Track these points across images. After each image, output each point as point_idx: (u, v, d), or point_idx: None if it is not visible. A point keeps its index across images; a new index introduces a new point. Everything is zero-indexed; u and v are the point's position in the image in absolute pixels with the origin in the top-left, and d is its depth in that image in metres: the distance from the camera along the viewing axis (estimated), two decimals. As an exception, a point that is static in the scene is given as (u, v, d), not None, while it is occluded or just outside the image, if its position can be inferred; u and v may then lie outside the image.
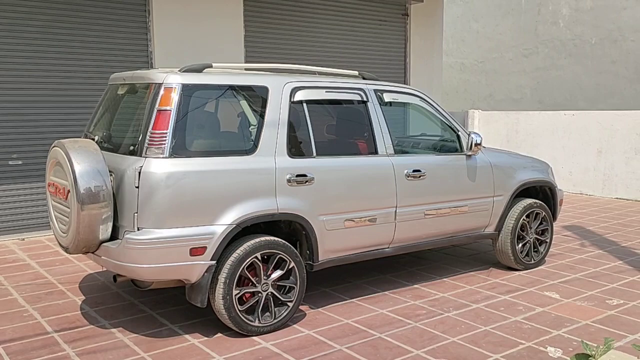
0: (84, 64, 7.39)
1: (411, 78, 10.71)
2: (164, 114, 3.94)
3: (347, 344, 4.07)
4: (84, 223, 3.84)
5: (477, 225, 5.52)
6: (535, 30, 14.69)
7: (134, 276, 4.03)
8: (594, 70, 13.64)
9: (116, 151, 4.20)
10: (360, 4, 10.00)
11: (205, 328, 4.33)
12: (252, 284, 4.18)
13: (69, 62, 7.30)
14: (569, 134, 10.73)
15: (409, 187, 4.94)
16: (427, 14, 10.82)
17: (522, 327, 4.36)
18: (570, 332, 4.27)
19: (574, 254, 6.41)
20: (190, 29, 8.02)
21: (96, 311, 4.68)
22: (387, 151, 4.88)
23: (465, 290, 5.21)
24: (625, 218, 8.41)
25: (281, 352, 3.93)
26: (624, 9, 12.97)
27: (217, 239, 3.98)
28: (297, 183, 4.33)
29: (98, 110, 4.79)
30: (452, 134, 5.42)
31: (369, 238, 4.80)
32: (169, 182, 3.85)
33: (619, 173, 10.05)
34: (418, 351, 3.96)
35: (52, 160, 4.24)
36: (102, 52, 7.49)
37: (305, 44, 9.39)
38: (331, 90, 4.73)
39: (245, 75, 4.49)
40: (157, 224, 3.84)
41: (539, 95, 14.75)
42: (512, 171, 5.70)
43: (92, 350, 3.96)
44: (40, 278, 5.54)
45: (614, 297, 5.01)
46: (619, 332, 4.25)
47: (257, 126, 4.31)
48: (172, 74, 4.08)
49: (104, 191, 3.88)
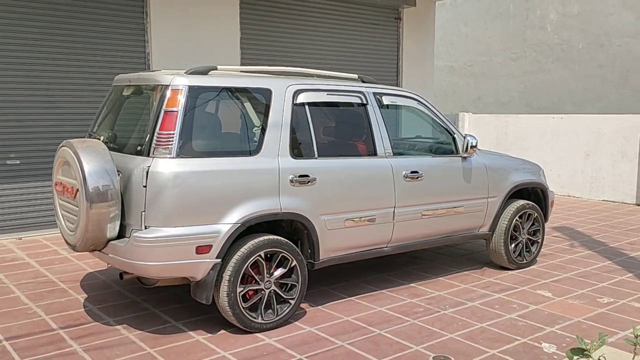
0: (81, 65, 7.43)
1: (403, 81, 10.86)
2: (170, 115, 4.02)
3: (348, 340, 4.18)
4: (93, 221, 3.92)
5: (472, 225, 5.65)
6: (524, 35, 14.92)
7: (141, 274, 4.11)
8: (581, 75, 13.88)
9: (122, 151, 4.28)
10: (354, 8, 10.13)
11: (209, 325, 4.42)
12: (256, 281, 4.28)
13: (67, 63, 7.34)
14: (558, 137, 10.93)
15: (406, 188, 5.06)
16: (419, 18, 10.98)
17: (516, 324, 4.50)
18: (563, 328, 4.41)
19: (564, 254, 6.57)
20: (187, 31, 8.09)
21: (99, 308, 4.75)
22: (385, 153, 5.00)
23: (461, 289, 5.34)
24: (613, 220, 8.61)
25: (285, 348, 4.03)
26: (611, 14, 13.22)
27: (222, 237, 4.07)
28: (299, 183, 4.43)
29: (102, 111, 4.86)
30: (449, 136, 5.55)
31: (368, 237, 4.91)
32: (176, 181, 3.93)
33: (606, 176, 10.27)
34: (417, 347, 4.08)
35: (59, 160, 4.30)
36: (100, 53, 7.54)
37: (299, 47, 9.50)
38: (332, 93, 4.84)
39: (249, 77, 4.59)
40: (164, 223, 3.93)
41: (526, 99, 14.97)
42: (505, 173, 5.84)
43: (99, 346, 4.03)
44: (41, 276, 5.59)
45: (604, 296, 5.16)
46: (610, 328, 4.40)
47: (261, 127, 4.41)
48: (178, 76, 4.16)
49: (112, 190, 3.95)
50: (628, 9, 12.94)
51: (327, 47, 9.86)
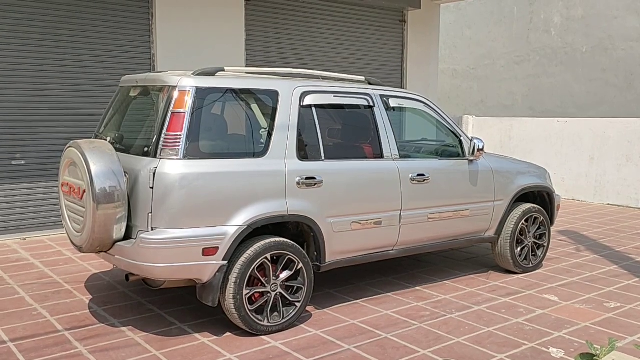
0: (87, 66, 7.43)
1: (408, 83, 10.85)
2: (178, 116, 4.01)
3: (354, 343, 4.16)
4: (99, 222, 3.90)
5: (478, 229, 5.63)
6: (527, 38, 14.90)
7: (147, 275, 4.10)
8: (584, 78, 13.86)
9: (129, 152, 4.26)
10: (359, 10, 10.12)
11: (214, 327, 4.40)
12: (262, 284, 4.26)
13: (73, 63, 7.34)
14: (562, 140, 10.91)
15: (413, 191, 5.04)
16: (424, 20, 10.97)
17: (524, 329, 4.47)
18: (570, 333, 4.39)
19: (570, 258, 6.54)
20: (193, 32, 8.09)
21: (105, 310, 4.73)
22: (392, 155, 4.98)
23: (467, 293, 5.32)
24: (618, 224, 8.58)
25: (291, 351, 4.01)
26: (615, 18, 13.20)
27: (229, 239, 4.05)
28: (306, 185, 4.42)
29: (109, 112, 4.85)
30: (455, 139, 5.53)
31: (374, 240, 4.89)
32: (183, 183, 3.92)
33: (611, 179, 10.24)
34: (424, 351, 4.05)
35: (66, 161, 4.29)
36: (106, 54, 7.54)
37: (304, 49, 9.49)
38: (339, 95, 4.83)
39: (256, 79, 4.58)
40: (170, 224, 3.91)
41: (530, 102, 14.95)
42: (512, 176, 5.82)
43: (105, 348, 4.02)
44: (46, 277, 5.58)
45: (611, 300, 5.14)
46: (618, 333, 4.37)
47: (268, 129, 4.39)
48: (186, 77, 4.15)
49: (118, 191, 3.94)
50: (632, 13, 12.92)
51: (331, 49, 9.85)
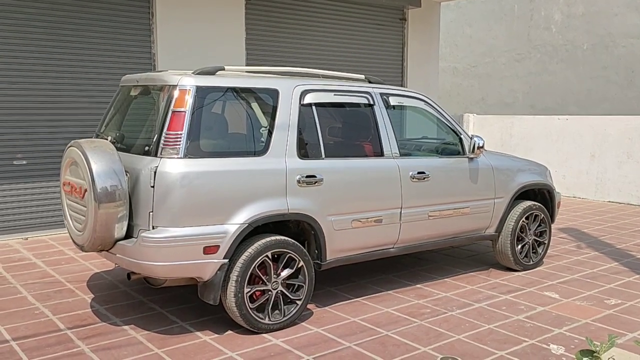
0: (88, 65, 7.44)
1: (408, 82, 10.85)
2: (178, 115, 4.02)
3: (355, 341, 4.17)
4: (101, 221, 3.92)
5: (479, 226, 5.64)
6: (528, 36, 14.90)
7: (148, 274, 4.12)
8: (585, 76, 13.85)
9: (130, 151, 4.28)
10: (359, 9, 10.13)
11: (215, 325, 4.42)
12: (263, 282, 4.28)
13: (74, 63, 7.35)
14: (563, 138, 10.91)
15: (413, 189, 5.05)
16: (424, 19, 10.97)
17: (524, 326, 4.48)
18: (571, 330, 4.40)
19: (570, 256, 6.55)
20: (193, 31, 8.10)
21: (106, 309, 4.75)
22: (392, 153, 4.99)
23: (467, 290, 5.33)
24: (619, 221, 8.59)
25: (292, 349, 4.03)
26: (615, 15, 13.20)
27: (229, 237, 4.07)
28: (306, 184, 4.43)
29: (109, 111, 4.86)
30: (455, 137, 5.54)
31: (375, 238, 4.91)
32: (183, 182, 3.93)
33: (612, 177, 10.24)
34: (425, 348, 4.07)
35: (67, 160, 4.31)
36: (106, 53, 7.55)
37: (304, 48, 9.50)
38: (339, 93, 4.84)
39: (256, 78, 4.59)
40: (172, 223, 3.92)
41: (530, 100, 14.94)
42: (512, 174, 5.83)
43: (107, 346, 4.03)
44: (48, 277, 5.60)
45: (611, 297, 5.15)
46: (618, 330, 4.39)
47: (268, 128, 4.41)
48: (186, 76, 4.16)
49: (120, 190, 3.95)
50: (633, 10, 12.91)
51: (332, 47, 9.86)
